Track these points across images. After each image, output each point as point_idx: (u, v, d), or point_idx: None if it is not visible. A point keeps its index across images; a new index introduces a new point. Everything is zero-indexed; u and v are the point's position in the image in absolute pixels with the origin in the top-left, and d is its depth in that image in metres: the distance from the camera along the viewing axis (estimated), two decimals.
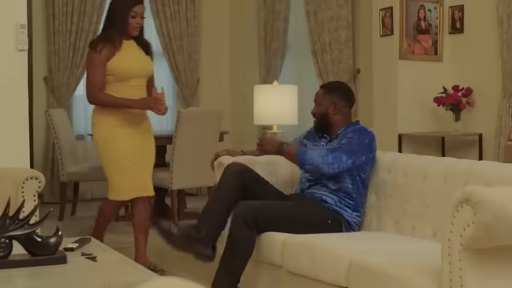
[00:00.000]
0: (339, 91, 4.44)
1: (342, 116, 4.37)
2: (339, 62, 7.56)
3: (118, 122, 4.91)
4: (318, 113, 4.42)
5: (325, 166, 4.08)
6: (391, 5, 6.64)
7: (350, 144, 4.13)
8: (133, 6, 4.85)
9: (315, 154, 4.12)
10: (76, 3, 8.82)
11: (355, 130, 4.24)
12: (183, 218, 7.23)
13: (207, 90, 9.63)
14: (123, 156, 4.92)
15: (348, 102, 4.43)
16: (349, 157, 4.09)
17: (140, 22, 4.91)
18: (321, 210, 4.15)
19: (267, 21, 8.74)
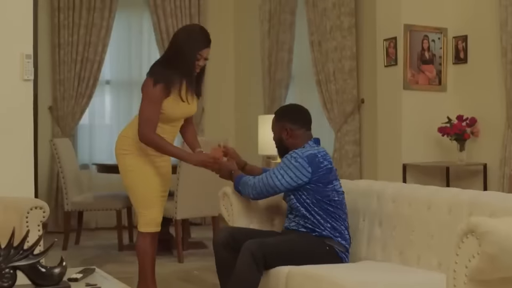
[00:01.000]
0: (289, 115, 4.42)
1: (296, 139, 4.35)
2: (343, 92, 7.58)
3: (147, 152, 4.63)
4: (274, 140, 4.46)
5: (249, 192, 4.28)
6: (395, 35, 6.67)
7: (275, 169, 4.21)
8: (202, 49, 4.57)
9: (245, 180, 4.31)
10: (82, 34, 8.88)
11: (287, 155, 4.24)
12: (188, 248, 7.22)
13: (212, 120, 9.66)
14: (152, 189, 4.68)
15: (301, 124, 4.38)
16: (270, 180, 4.18)
17: (201, 64, 4.63)
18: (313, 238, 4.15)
19: (271, 51, 8.78)
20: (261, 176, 4.24)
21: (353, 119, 7.59)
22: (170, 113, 4.56)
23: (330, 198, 4.19)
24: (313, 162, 4.16)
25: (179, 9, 9.40)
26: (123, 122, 9.24)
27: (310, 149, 4.24)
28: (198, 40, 4.57)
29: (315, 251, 4.09)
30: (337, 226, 4.18)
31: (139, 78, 9.35)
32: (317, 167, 4.16)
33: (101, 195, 7.87)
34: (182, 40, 4.57)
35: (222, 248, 4.19)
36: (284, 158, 4.23)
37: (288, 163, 4.17)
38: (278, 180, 4.16)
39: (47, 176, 8.81)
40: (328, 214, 4.17)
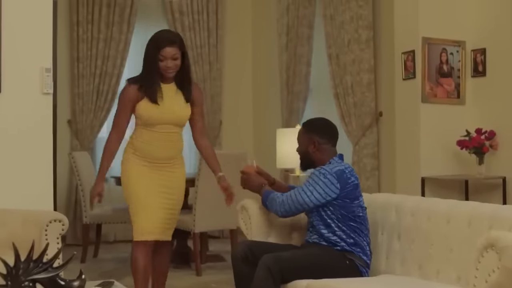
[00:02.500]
0: (318, 129, 4.43)
1: (323, 153, 4.37)
2: (361, 105, 7.57)
3: (140, 162, 4.71)
4: (300, 151, 4.46)
5: (277, 208, 4.25)
6: (413, 48, 6.66)
7: (304, 186, 4.20)
8: (162, 49, 4.60)
9: (273, 197, 4.27)
10: (100, 47, 8.92)
11: (315, 171, 4.24)
12: (206, 261, 7.22)
13: (230, 133, 9.67)
14: (137, 194, 4.70)
15: (329, 139, 4.41)
16: (299, 197, 4.18)
17: (170, 65, 4.61)
18: (334, 252, 4.14)
19: (289, 64, 8.79)
20: (289, 193, 4.23)
21: (371, 132, 7.57)
22: (146, 116, 4.66)
23: (355, 213, 4.20)
24: (341, 178, 4.17)
25: (197, 23, 9.43)
26: None
27: (338, 165, 4.25)
28: (157, 40, 4.63)
29: (335, 264, 4.08)
30: (359, 242, 4.17)
31: None
32: (345, 183, 4.17)
33: (120, 208, 7.88)
34: (147, 46, 4.68)
35: (240, 262, 4.19)
36: (313, 175, 4.21)
37: (317, 180, 4.16)
38: (308, 197, 4.16)
39: (66, 189, 8.84)
40: (351, 229, 4.17)
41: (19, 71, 4.99)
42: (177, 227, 6.98)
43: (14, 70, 4.96)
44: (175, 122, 4.71)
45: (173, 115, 4.68)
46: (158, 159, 4.71)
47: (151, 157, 4.70)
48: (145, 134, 4.72)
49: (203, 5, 9.49)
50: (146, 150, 4.72)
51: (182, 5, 9.31)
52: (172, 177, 4.76)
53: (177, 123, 4.73)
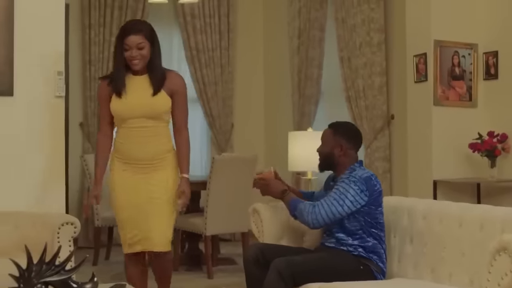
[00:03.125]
0: (347, 133, 4.41)
1: (347, 158, 4.34)
2: (373, 108, 7.56)
3: (122, 166, 4.51)
4: (324, 152, 4.41)
5: (309, 220, 4.14)
6: (425, 51, 6.65)
7: (336, 194, 4.13)
8: (125, 38, 4.41)
9: (304, 207, 4.16)
10: (112, 50, 8.91)
11: (345, 179, 4.18)
12: (217, 264, 7.22)
13: (241, 135, 9.67)
14: (118, 207, 4.53)
15: (354, 145, 4.40)
16: (333, 208, 4.10)
17: (134, 54, 4.41)
18: (350, 257, 4.13)
19: (300, 67, 8.78)
20: (320, 204, 4.13)
21: (383, 135, 7.56)
22: (113, 111, 4.48)
23: (377, 220, 4.20)
24: (369, 184, 4.16)
25: (209, 26, 9.44)
26: None
27: (363, 171, 4.23)
28: (122, 30, 4.48)
29: (349, 269, 4.07)
30: (378, 248, 4.17)
31: None
32: (372, 190, 4.16)
33: None
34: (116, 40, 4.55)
35: (252, 265, 4.19)
36: (342, 183, 4.16)
37: (348, 187, 4.12)
38: (340, 206, 4.10)
39: (78, 191, 8.85)
40: (372, 236, 4.16)
41: (32, 74, 5.00)
42: (189, 229, 7.03)
43: (27, 73, 4.98)
44: (145, 115, 4.43)
45: (140, 107, 4.42)
46: (137, 159, 4.46)
47: (129, 158, 4.47)
48: (121, 132, 4.53)
49: (215, 8, 9.49)
50: (123, 150, 4.50)
51: (194, 8, 9.32)
52: (156, 180, 4.48)
53: (148, 116, 4.44)
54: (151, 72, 4.50)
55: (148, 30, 4.49)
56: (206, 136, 9.66)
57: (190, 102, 9.49)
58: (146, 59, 4.47)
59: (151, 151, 4.46)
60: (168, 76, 4.59)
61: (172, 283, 6.54)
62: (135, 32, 4.41)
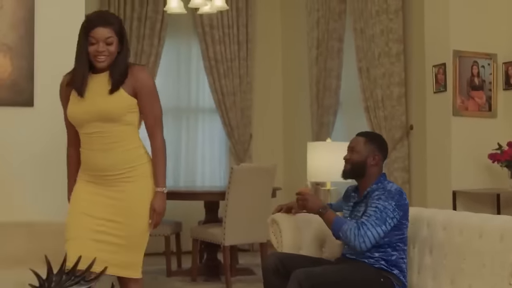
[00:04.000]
0: (379, 143, 4.39)
1: (377, 168, 4.32)
2: (392, 119, 7.54)
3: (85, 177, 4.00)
4: (355, 161, 4.32)
5: (357, 244, 4.02)
6: (444, 61, 6.63)
7: (376, 213, 4.05)
8: (91, 30, 3.82)
9: (348, 229, 4.04)
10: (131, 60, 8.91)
11: (381, 195, 4.12)
12: (235, 274, 7.22)
13: (260, 146, 9.68)
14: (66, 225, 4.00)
15: (384, 156, 4.38)
16: (378, 229, 4.02)
17: (101, 49, 3.83)
18: (371, 270, 4.10)
19: (319, 78, 8.79)
20: (365, 226, 4.01)
21: (402, 146, 7.54)
22: (69, 115, 3.96)
23: (404, 234, 4.18)
24: (401, 198, 4.14)
25: (227, 36, 9.47)
26: (172, 148, 9.33)
27: (392, 184, 4.21)
28: (88, 21, 3.85)
29: (369, 281, 4.04)
30: (400, 263, 4.15)
31: (187, 105, 9.45)
32: (403, 204, 4.14)
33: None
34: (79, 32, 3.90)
35: (271, 274, 4.18)
36: (380, 200, 4.09)
37: (386, 204, 4.07)
38: (384, 225, 4.04)
39: None
40: (396, 250, 4.14)
41: (52, 85, 5.02)
42: (207, 240, 7.03)
43: (47, 84, 5.00)
44: (101, 118, 3.83)
45: (95, 109, 3.84)
46: (98, 170, 3.90)
47: (91, 169, 3.92)
48: (82, 139, 3.96)
49: (233, 18, 9.53)
50: (83, 159, 3.97)
51: (213, 19, 9.35)
52: (120, 194, 3.91)
53: (105, 119, 3.84)
54: (113, 68, 3.88)
55: (118, 24, 3.89)
56: (224, 146, 9.68)
57: (209, 112, 9.56)
58: (113, 56, 3.87)
59: (111, 161, 3.86)
60: (131, 71, 3.93)
61: None
62: (103, 24, 3.82)
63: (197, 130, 9.60)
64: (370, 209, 4.09)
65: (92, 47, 3.81)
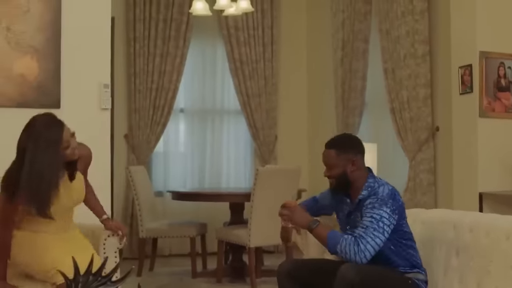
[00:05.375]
0: (352, 146, 4.21)
1: (360, 171, 4.16)
2: (417, 120, 7.51)
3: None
4: (335, 175, 4.16)
5: (358, 259, 3.88)
6: (470, 62, 6.60)
7: (373, 224, 3.92)
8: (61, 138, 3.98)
9: (347, 245, 3.90)
10: (157, 62, 9.01)
11: (374, 203, 3.98)
12: (260, 276, 7.22)
13: (285, 147, 9.68)
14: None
15: (362, 154, 4.20)
16: (377, 240, 3.90)
17: (75, 143, 4.10)
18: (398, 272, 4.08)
19: (344, 79, 8.77)
20: (363, 239, 3.89)
21: (427, 147, 7.51)
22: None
23: (404, 230, 4.13)
24: (395, 201, 4.04)
25: (253, 38, 9.48)
26: (197, 149, 9.37)
27: (383, 187, 4.08)
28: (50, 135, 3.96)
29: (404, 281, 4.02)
30: (414, 259, 4.11)
31: (213, 106, 9.48)
32: (398, 206, 4.04)
33: (176, 222, 7.94)
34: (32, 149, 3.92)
35: (284, 279, 4.16)
36: (374, 209, 3.96)
37: (381, 212, 3.95)
38: (382, 234, 3.93)
39: (123, 203, 8.93)
40: (402, 248, 4.10)
41: (78, 87, 5.07)
42: (232, 241, 7.05)
43: (73, 86, 5.04)
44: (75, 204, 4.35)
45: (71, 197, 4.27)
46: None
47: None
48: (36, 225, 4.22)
49: (258, 20, 9.53)
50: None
51: (238, 21, 9.36)
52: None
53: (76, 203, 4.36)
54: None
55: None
56: (250, 147, 9.69)
57: (234, 114, 9.59)
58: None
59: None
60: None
61: None
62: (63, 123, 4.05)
63: (222, 131, 9.61)
64: (366, 219, 3.96)
65: (67, 150, 4.01)
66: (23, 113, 4.86)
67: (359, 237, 3.91)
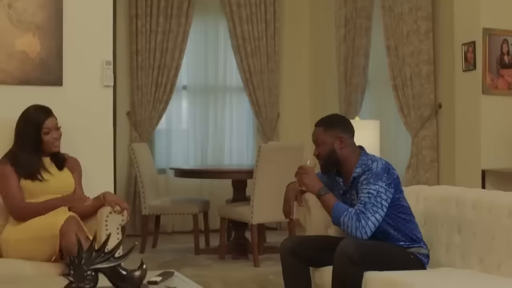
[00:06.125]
0: (340, 124, 4.22)
1: (349, 149, 4.15)
2: (420, 97, 7.50)
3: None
4: (324, 153, 4.16)
5: (358, 235, 3.89)
6: (473, 39, 6.57)
7: (371, 199, 3.92)
8: (44, 121, 4.46)
9: (349, 219, 3.90)
10: (159, 40, 8.99)
11: (369, 179, 3.99)
12: (263, 252, 7.24)
13: (287, 124, 9.68)
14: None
15: (350, 133, 4.20)
16: (377, 215, 3.91)
17: (56, 136, 4.51)
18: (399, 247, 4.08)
19: (347, 56, 8.74)
20: (363, 215, 3.89)
21: (430, 124, 7.50)
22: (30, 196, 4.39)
23: (401, 204, 4.12)
24: (390, 174, 4.03)
25: (255, 15, 9.45)
26: (200, 127, 9.37)
27: (376, 162, 4.07)
28: (35, 116, 4.46)
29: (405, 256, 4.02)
30: (414, 234, 4.11)
31: (215, 83, 9.47)
32: (393, 179, 4.04)
33: (178, 199, 7.96)
34: (22, 125, 4.48)
35: (287, 255, 4.17)
36: (370, 185, 3.96)
37: (377, 187, 3.95)
38: (381, 209, 3.93)
39: (125, 180, 8.95)
40: (401, 222, 4.09)
41: (80, 64, 5.06)
42: (235, 218, 7.06)
43: (75, 64, 5.03)
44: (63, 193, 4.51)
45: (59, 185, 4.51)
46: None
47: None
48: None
49: None
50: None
51: None
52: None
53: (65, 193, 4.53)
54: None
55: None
56: (252, 125, 9.68)
57: (236, 91, 9.58)
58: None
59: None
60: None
61: (219, 271, 6.62)
62: (50, 115, 4.50)
63: (225, 109, 9.60)
64: (363, 195, 3.97)
65: (48, 136, 4.46)
66: (25, 90, 4.88)
67: (360, 213, 3.92)
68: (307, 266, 4.22)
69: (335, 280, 3.86)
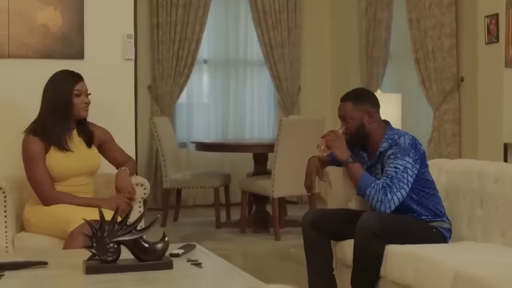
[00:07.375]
0: (367, 98, 4.18)
1: (377, 123, 4.13)
2: (442, 70, 7.45)
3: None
4: (353, 128, 4.11)
5: (382, 209, 3.89)
6: (496, 11, 6.51)
7: (398, 174, 3.91)
8: (76, 84, 4.28)
9: (376, 192, 3.89)
10: (180, 13, 8.97)
11: (397, 153, 3.97)
12: (284, 226, 7.26)
13: (308, 98, 9.66)
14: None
15: (377, 107, 4.17)
16: (402, 191, 3.91)
17: (87, 100, 4.31)
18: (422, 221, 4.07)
19: (368, 29, 8.69)
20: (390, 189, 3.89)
21: (452, 98, 7.46)
22: (58, 170, 4.24)
23: (426, 179, 4.11)
24: (417, 150, 4.02)
25: None
26: (220, 100, 9.38)
27: (403, 137, 4.05)
28: (67, 78, 4.30)
29: (427, 230, 4.01)
30: (437, 208, 4.10)
31: (236, 57, 9.45)
32: (419, 154, 4.03)
33: (199, 173, 7.98)
34: (51, 89, 4.29)
35: (309, 229, 4.18)
36: (397, 160, 3.95)
37: (405, 163, 3.94)
38: (406, 185, 3.93)
39: (147, 154, 8.98)
40: (425, 197, 4.08)
41: (102, 37, 5.06)
42: (256, 192, 7.08)
43: (97, 37, 5.03)
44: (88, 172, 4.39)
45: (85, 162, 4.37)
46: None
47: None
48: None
49: None
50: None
51: None
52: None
53: (90, 172, 4.41)
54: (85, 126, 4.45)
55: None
56: (273, 98, 9.68)
57: (257, 65, 9.56)
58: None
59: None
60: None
61: (240, 244, 6.64)
62: (80, 80, 4.34)
63: (246, 82, 9.60)
64: (390, 169, 3.96)
65: (79, 99, 4.28)
66: (47, 64, 4.88)
67: (387, 187, 3.91)
68: (329, 240, 4.22)
69: (356, 253, 3.88)
